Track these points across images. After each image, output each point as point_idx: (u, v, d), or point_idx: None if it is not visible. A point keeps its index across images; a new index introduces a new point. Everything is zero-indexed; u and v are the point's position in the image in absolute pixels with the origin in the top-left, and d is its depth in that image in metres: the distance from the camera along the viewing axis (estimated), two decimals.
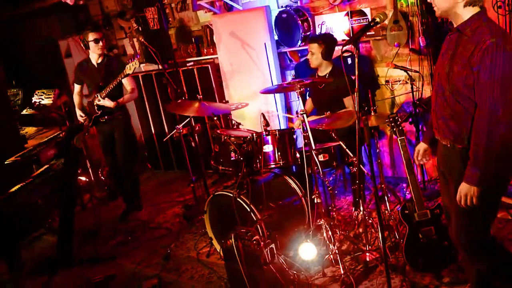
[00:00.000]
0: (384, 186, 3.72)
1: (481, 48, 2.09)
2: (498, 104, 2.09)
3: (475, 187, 2.19)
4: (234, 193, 3.52)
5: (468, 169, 2.20)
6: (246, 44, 5.11)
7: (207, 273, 3.71)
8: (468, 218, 2.35)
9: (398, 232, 3.44)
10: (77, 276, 4.03)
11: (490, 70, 2.07)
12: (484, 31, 2.12)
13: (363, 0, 4.56)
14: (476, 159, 2.17)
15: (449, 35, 2.32)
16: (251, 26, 5.01)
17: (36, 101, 6.38)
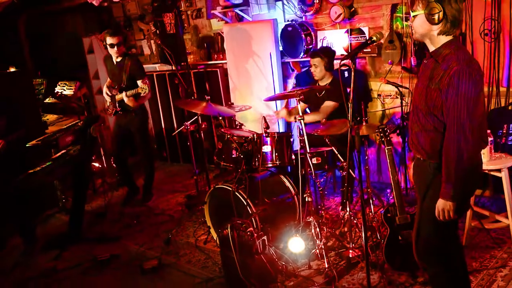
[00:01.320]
0: (370, 190, 3.71)
1: (448, 73, 2.11)
2: (465, 125, 2.11)
3: (451, 202, 2.19)
4: (233, 187, 3.52)
5: (443, 186, 2.20)
6: (253, 52, 5.12)
7: (203, 259, 3.70)
8: (429, 227, 2.36)
9: (379, 233, 3.43)
10: (84, 252, 4.03)
11: (457, 94, 2.09)
12: (452, 58, 2.14)
13: (362, 19, 4.56)
14: (449, 176, 2.17)
15: (425, 60, 2.32)
16: (259, 37, 5.02)
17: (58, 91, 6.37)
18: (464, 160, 2.13)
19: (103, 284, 3.54)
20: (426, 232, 2.40)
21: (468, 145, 2.12)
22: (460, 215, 2.39)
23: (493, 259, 3.15)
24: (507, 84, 3.82)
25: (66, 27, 7.33)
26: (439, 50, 2.22)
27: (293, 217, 3.69)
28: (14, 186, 4.02)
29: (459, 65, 2.10)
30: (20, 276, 3.78)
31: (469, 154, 2.14)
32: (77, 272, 3.74)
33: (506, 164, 3.16)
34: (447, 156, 2.17)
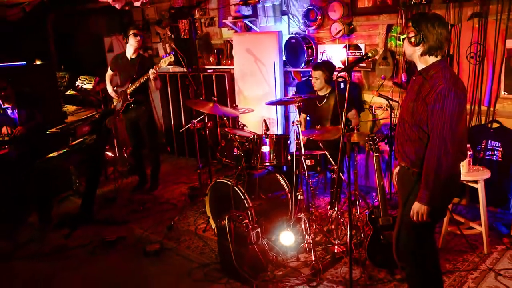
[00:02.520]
0: (357, 193, 3.71)
1: (435, 90, 2.12)
2: (447, 139, 2.11)
3: (425, 206, 2.20)
4: (233, 182, 3.52)
5: (421, 191, 2.20)
6: (259, 60, 5.11)
7: (201, 245, 3.70)
8: (408, 229, 2.36)
9: (363, 232, 3.42)
10: (93, 233, 4.02)
11: (442, 110, 2.10)
12: (440, 77, 2.14)
13: (359, 36, 4.55)
14: (427, 183, 2.18)
15: (414, 76, 2.33)
16: (265, 46, 5.02)
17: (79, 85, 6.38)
18: (442, 170, 2.14)
19: (109, 263, 3.54)
20: (405, 234, 2.40)
21: (448, 157, 2.13)
22: (437, 220, 2.39)
23: (466, 262, 3.16)
24: (488, 104, 3.82)
25: (90, 27, 7.33)
26: (427, 68, 2.22)
27: (286, 213, 3.69)
28: (34, 168, 4.02)
29: (446, 84, 2.11)
30: (33, 250, 3.78)
31: (448, 165, 2.14)
32: (85, 250, 3.75)
33: (482, 177, 3.19)
34: (428, 165, 2.18)
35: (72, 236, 4.01)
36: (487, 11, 3.66)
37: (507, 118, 3.69)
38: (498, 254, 3.20)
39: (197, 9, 5.88)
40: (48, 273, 3.43)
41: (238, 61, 5.35)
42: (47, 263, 3.58)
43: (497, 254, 3.20)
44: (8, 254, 3.73)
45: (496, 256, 3.19)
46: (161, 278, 3.27)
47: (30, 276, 3.41)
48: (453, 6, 3.81)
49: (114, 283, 3.26)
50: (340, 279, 3.06)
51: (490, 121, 3.76)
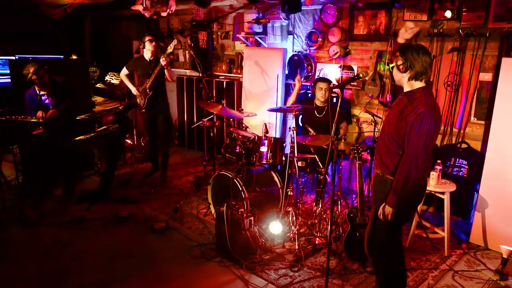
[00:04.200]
0: (339, 193, 3.71)
1: (416, 112, 2.13)
2: (419, 155, 2.13)
3: (391, 208, 2.22)
4: (233, 175, 3.52)
5: (390, 195, 2.23)
6: (264, 72, 5.12)
7: (201, 227, 3.70)
8: (378, 228, 2.38)
9: (342, 228, 3.43)
10: (109, 208, 4.03)
11: (419, 129, 2.11)
12: (422, 101, 2.16)
13: (353, 59, 4.56)
14: (396, 190, 2.20)
15: (400, 96, 2.33)
16: (271, 60, 5.03)
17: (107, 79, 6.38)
18: (410, 181, 2.16)
19: (120, 235, 3.55)
20: (376, 232, 2.41)
21: (417, 171, 2.15)
22: (402, 222, 2.40)
23: (428, 262, 3.18)
24: (459, 127, 3.82)
25: (121, 30, 7.34)
26: (413, 92, 2.22)
27: (276, 206, 3.70)
28: (64, 148, 4.02)
29: (426, 108, 2.12)
30: (56, 219, 3.79)
31: (416, 177, 2.16)
32: (101, 223, 3.76)
33: (449, 189, 3.23)
34: (399, 174, 2.19)
35: (91, 209, 4.02)
36: (466, 46, 3.67)
37: (474, 140, 3.71)
38: (456, 257, 3.23)
39: (215, 23, 5.91)
40: (67, 239, 3.45)
41: (246, 70, 5.36)
42: (67, 231, 3.59)
43: (455, 257, 3.24)
44: (34, 221, 3.74)
45: (454, 259, 3.22)
46: (164, 252, 3.27)
47: (52, 240, 3.42)
48: (436, 40, 3.82)
49: (124, 252, 3.27)
50: (318, 267, 3.07)
51: (460, 142, 3.77)
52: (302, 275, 2.95)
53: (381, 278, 2.50)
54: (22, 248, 3.31)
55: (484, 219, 3.34)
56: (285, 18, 4.95)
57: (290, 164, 3.54)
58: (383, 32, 4.20)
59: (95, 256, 3.20)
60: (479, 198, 3.36)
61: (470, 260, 3.19)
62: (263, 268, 3.03)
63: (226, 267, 3.04)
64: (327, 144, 3.54)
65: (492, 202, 3.28)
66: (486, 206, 3.31)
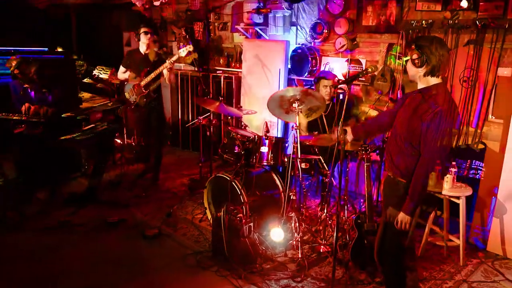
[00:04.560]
0: (346, 198, 3.72)
1: (433, 110, 2.15)
2: (437, 157, 2.16)
3: (409, 216, 2.23)
4: (231, 177, 3.54)
5: (407, 202, 2.22)
6: (265, 66, 5.13)
7: (196, 234, 3.72)
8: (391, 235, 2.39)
9: (348, 235, 3.45)
10: (97, 213, 4.05)
11: (436, 130, 2.13)
12: (439, 99, 2.17)
13: (361, 52, 4.58)
14: (413, 195, 2.20)
15: (414, 93, 2.34)
16: (272, 54, 5.04)
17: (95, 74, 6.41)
18: (426, 184, 2.17)
19: (109, 242, 3.56)
20: (387, 239, 2.42)
21: (430, 173, 2.17)
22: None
23: (442, 272, 3.18)
24: (475, 126, 3.84)
25: (111, 21, 7.36)
26: (428, 89, 2.23)
27: (278, 211, 3.71)
28: (48, 148, 4.05)
29: (444, 106, 2.13)
30: (41, 223, 3.81)
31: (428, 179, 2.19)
32: (88, 228, 3.78)
33: (464, 193, 3.20)
34: (416, 179, 2.19)
35: (78, 214, 4.04)
36: (483, 39, 3.68)
37: (492, 140, 3.71)
38: (472, 267, 3.22)
39: (212, 13, 5.90)
40: (53, 244, 3.46)
41: (246, 65, 5.37)
42: (52, 236, 3.61)
43: (471, 267, 3.22)
44: (17, 225, 3.76)
45: (470, 268, 3.21)
46: (156, 260, 3.29)
47: (37, 247, 3.44)
48: (451, 32, 3.84)
49: (113, 260, 3.28)
50: (323, 277, 3.08)
51: (477, 142, 3.78)
52: (305, 286, 2.97)
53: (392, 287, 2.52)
54: (5, 253, 3.33)
55: (502, 225, 3.31)
56: (287, 8, 4.96)
57: (293, 165, 3.56)
58: (393, 24, 4.22)
59: (82, 264, 3.21)
60: (497, 203, 3.34)
61: (487, 270, 3.18)
62: (264, 278, 3.05)
63: (223, 276, 3.06)
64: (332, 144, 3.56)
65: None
66: (505, 211, 3.28)
